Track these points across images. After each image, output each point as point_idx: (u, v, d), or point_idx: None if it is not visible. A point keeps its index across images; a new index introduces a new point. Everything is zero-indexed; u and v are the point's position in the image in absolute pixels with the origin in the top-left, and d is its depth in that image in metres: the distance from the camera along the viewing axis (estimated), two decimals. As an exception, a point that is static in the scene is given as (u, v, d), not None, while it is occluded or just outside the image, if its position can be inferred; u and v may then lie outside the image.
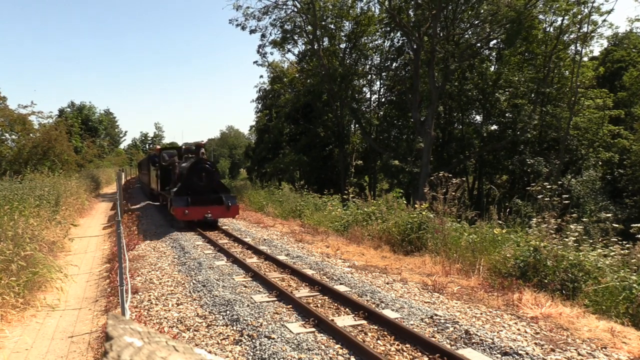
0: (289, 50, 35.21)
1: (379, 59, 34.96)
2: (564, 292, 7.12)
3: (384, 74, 35.03)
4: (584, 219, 8.82)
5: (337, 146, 35.46)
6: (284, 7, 31.30)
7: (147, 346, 0.73)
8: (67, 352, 5.63)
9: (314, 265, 9.23)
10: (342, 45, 34.70)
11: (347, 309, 6.51)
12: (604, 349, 5.05)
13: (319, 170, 35.56)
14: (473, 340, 5.25)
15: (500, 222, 9.75)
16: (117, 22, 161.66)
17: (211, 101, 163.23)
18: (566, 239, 7.95)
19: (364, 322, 5.96)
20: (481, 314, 6.30)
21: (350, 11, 32.76)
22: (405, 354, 5.02)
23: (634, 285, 6.45)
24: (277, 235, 13.42)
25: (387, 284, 7.92)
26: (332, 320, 5.91)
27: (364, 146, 36.58)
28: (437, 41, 25.77)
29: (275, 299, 7.00)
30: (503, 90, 30.58)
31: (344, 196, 18.89)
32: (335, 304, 6.76)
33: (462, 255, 9.22)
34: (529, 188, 10.07)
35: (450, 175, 11.20)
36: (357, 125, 35.74)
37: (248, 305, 6.63)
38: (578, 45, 27.64)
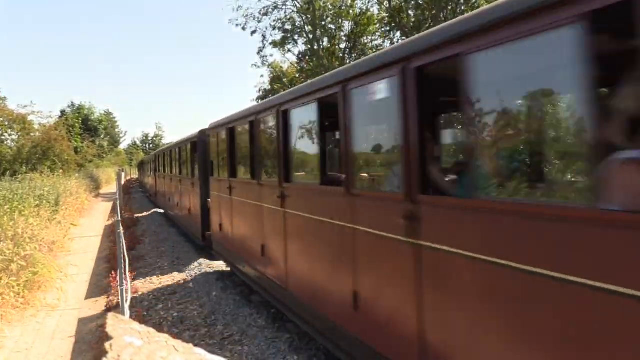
0: (289, 51, 35.27)
1: (379, 59, 34.98)
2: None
3: (384, 74, 35.03)
4: None
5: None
6: (284, 7, 31.38)
7: (147, 346, 0.74)
8: (67, 352, 5.63)
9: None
10: (342, 46, 34.73)
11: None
12: None
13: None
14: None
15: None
16: (117, 23, 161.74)
17: (212, 100, 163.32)
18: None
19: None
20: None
21: (350, 11, 32.81)
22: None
23: None
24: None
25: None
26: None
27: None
28: (437, 41, 25.78)
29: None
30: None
31: None
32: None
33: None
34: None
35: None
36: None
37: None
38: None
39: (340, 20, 33.27)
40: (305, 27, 32.53)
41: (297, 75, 38.62)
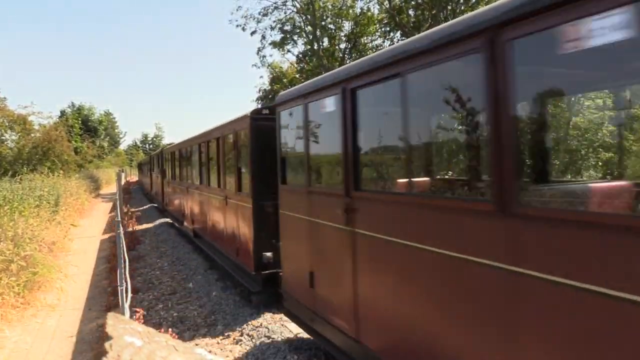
0: (288, 51, 35.27)
1: (378, 59, 34.95)
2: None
3: (384, 74, 34.97)
4: None
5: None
6: (284, 7, 31.39)
7: (147, 346, 0.74)
8: (67, 352, 5.63)
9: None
10: (342, 46, 34.73)
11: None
12: None
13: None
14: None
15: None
16: (118, 23, 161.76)
17: (213, 100, 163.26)
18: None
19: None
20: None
21: (350, 11, 32.82)
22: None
23: None
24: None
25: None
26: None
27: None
28: (437, 41, 25.78)
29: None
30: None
31: None
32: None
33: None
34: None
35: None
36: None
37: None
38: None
39: (340, 20, 33.28)
40: (305, 27, 32.55)
41: (297, 76, 38.59)
